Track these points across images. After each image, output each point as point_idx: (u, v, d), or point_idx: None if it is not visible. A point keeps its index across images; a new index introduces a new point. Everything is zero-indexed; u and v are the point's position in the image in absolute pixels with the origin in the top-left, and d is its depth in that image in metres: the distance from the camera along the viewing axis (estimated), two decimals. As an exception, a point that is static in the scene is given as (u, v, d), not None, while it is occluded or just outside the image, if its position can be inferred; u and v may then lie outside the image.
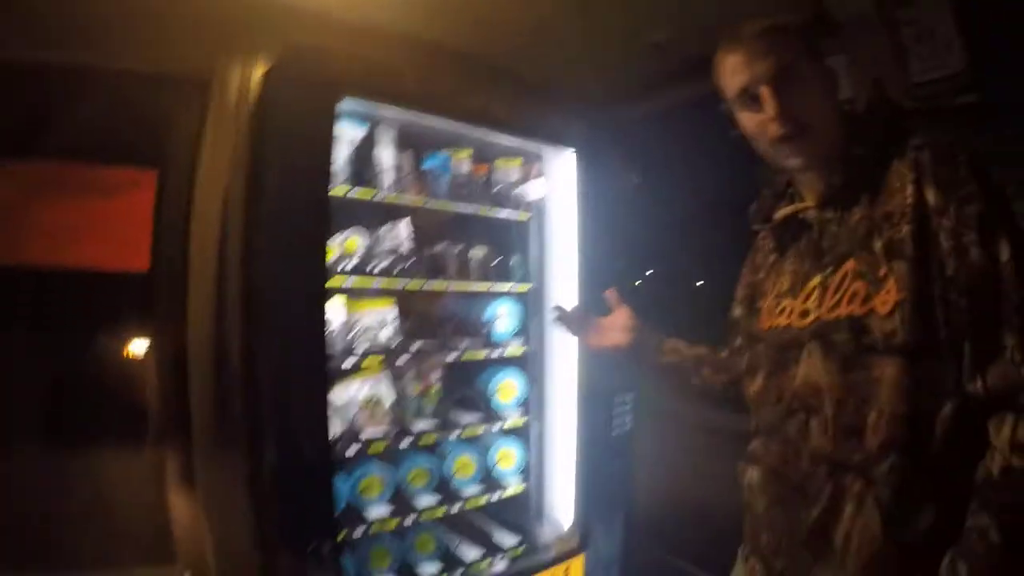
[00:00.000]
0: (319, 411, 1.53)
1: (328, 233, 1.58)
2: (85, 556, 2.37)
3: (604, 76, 2.44)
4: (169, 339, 2.32)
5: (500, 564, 2.02)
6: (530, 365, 2.20)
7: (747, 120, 0.97)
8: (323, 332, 1.53)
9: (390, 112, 1.88)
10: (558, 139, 2.14)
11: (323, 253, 1.54)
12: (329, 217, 1.57)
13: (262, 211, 1.58)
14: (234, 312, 1.83)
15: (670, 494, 4.22)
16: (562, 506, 2.18)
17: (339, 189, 1.77)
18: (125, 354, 2.42)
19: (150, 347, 2.38)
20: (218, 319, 2.22)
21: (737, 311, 1.20)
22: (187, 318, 2.27)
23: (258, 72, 1.69)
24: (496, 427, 2.08)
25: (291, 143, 1.55)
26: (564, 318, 1.39)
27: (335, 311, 1.80)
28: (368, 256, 1.87)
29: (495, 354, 2.07)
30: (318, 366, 1.53)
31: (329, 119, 1.59)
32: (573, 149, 2.14)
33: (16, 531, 2.38)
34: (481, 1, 1.87)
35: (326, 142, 1.58)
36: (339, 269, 1.77)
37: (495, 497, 2.08)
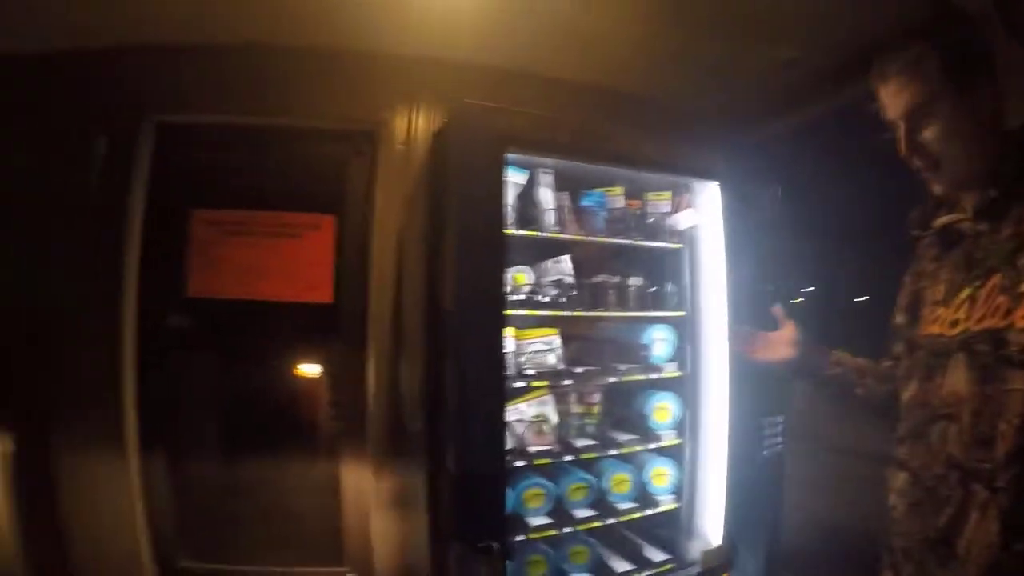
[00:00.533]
0: (499, 424, 1.74)
1: (505, 268, 1.79)
2: (262, 553, 2.81)
3: (741, 96, 2.48)
4: (351, 361, 2.71)
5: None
6: (684, 388, 2.28)
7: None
8: (503, 355, 1.75)
9: (549, 158, 2.10)
10: (702, 173, 2.22)
11: (503, 285, 1.76)
12: (506, 254, 1.78)
13: (438, 249, 1.82)
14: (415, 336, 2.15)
15: (814, 518, 3.97)
16: (711, 525, 2.23)
17: (509, 229, 2.00)
18: (310, 375, 2.85)
19: (333, 368, 2.79)
20: (397, 343, 2.55)
21: (899, 318, 1.22)
22: (366, 343, 2.63)
23: (430, 125, 1.94)
24: (651, 446, 2.19)
25: (467, 190, 1.78)
26: (736, 336, 1.49)
27: (506, 339, 2.02)
28: (535, 288, 2.07)
29: (652, 377, 2.18)
30: (499, 385, 1.74)
31: (499, 168, 1.81)
32: (716, 182, 2.21)
33: (205, 528, 2.87)
34: (618, 37, 2.03)
35: (498, 189, 1.80)
36: (509, 301, 2.00)
37: (648, 513, 2.19)
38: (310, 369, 2.80)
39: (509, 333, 2.05)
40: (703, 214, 2.28)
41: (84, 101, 2.66)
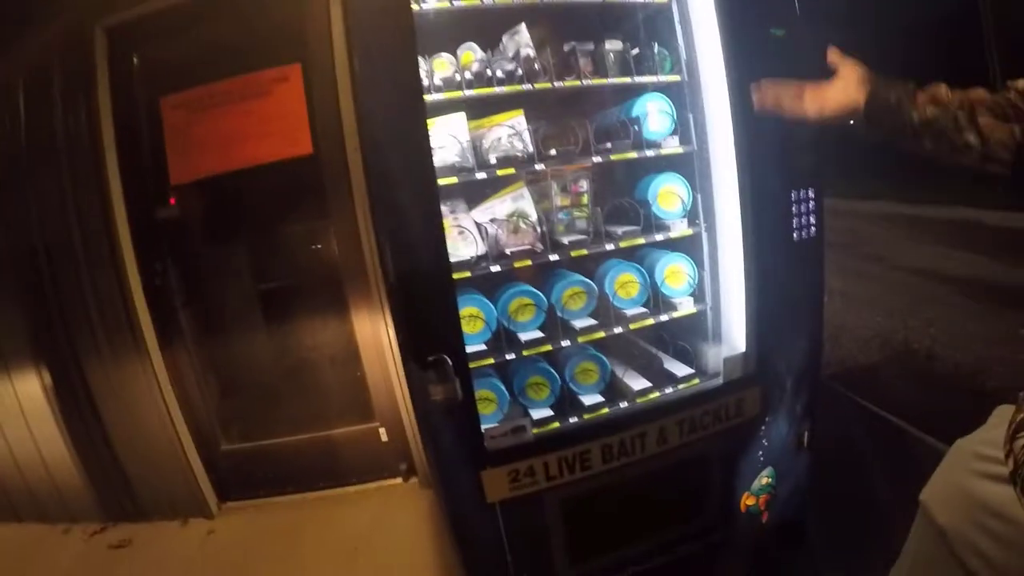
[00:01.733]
0: (433, 222, 1.46)
1: (414, 45, 1.44)
2: (298, 419, 2.78)
3: None
4: (341, 211, 2.53)
5: (669, 393, 1.85)
6: (691, 166, 1.90)
7: None
8: (426, 145, 1.44)
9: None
10: None
11: (413, 66, 1.42)
12: (412, 31, 1.43)
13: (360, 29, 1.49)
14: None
15: (874, 338, 3.61)
16: (739, 329, 1.89)
17: (442, 4, 1.65)
18: (307, 235, 2.71)
19: (327, 222, 2.62)
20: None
21: None
22: (351, 188, 2.43)
23: None
24: (658, 238, 1.85)
25: None
26: (769, 95, 1.16)
27: (459, 128, 1.72)
28: (489, 66, 1.74)
29: (649, 154, 1.81)
30: (426, 179, 1.45)
31: None
32: None
33: (238, 410, 2.88)
34: None
35: None
36: (456, 83, 1.68)
37: (662, 319, 1.89)
38: (305, 225, 2.67)
39: (463, 122, 1.75)
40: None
41: (31, 25, 2.55)
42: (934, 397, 2.94)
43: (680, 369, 1.95)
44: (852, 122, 0.99)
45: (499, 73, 1.71)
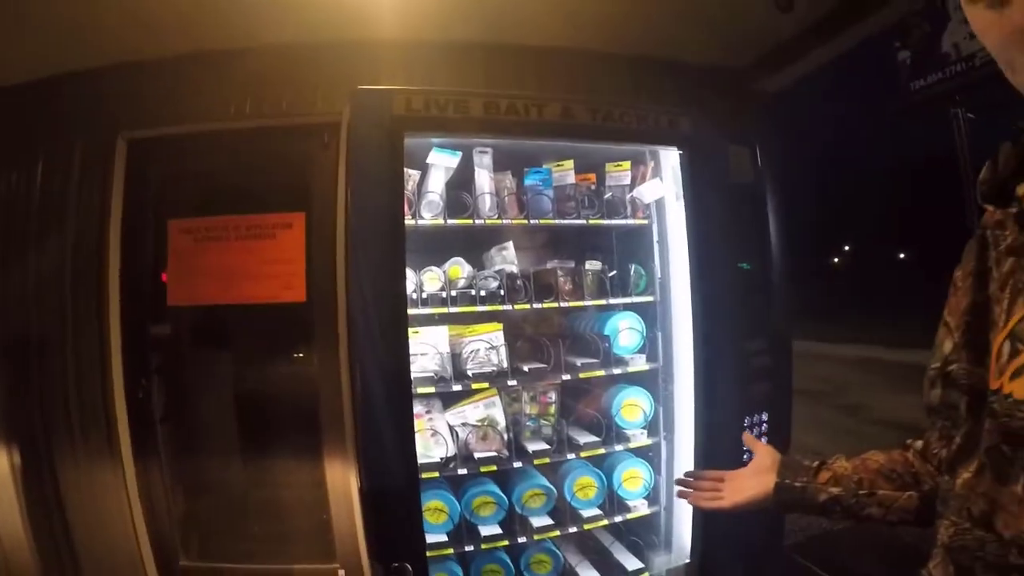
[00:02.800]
0: (406, 436, 1.57)
1: (402, 263, 1.59)
2: (258, 551, 2.81)
3: (729, 43, 2.18)
4: (326, 358, 2.63)
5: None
6: (656, 382, 2.04)
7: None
8: (405, 359, 1.57)
9: (483, 138, 1.88)
10: (657, 138, 1.93)
11: (401, 281, 1.57)
12: (402, 247, 1.58)
13: (354, 244, 1.64)
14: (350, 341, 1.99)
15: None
16: (691, 532, 2.00)
17: (436, 221, 1.82)
18: (290, 374, 2.80)
19: (311, 366, 2.72)
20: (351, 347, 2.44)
21: (946, 349, 0.70)
22: (338, 338, 2.54)
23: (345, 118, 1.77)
24: (618, 448, 1.98)
25: (360, 181, 1.60)
26: (691, 489, 1.20)
27: (440, 340, 1.85)
28: (472, 283, 1.88)
29: (615, 372, 1.95)
30: (402, 392, 1.57)
31: (395, 154, 1.61)
32: (676, 148, 1.93)
33: (202, 529, 2.90)
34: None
35: (395, 176, 1.61)
36: (442, 299, 1.82)
37: (618, 519, 2.00)
38: (290, 368, 2.76)
39: (444, 334, 1.88)
40: (670, 184, 2.01)
41: (60, 126, 2.71)
42: (894, 566, 2.97)
43: (631, 563, 2.04)
44: (765, 506, 1.08)
45: (482, 293, 1.85)
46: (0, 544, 2.88)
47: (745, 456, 1.15)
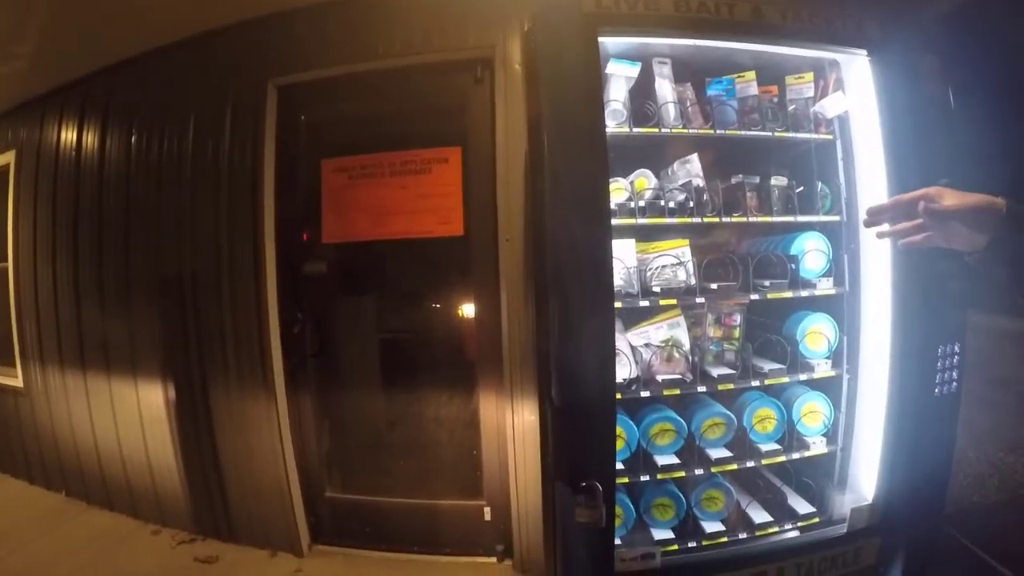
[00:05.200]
0: (606, 350, 1.51)
1: (607, 170, 1.53)
2: (404, 484, 2.86)
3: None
4: (484, 294, 2.63)
5: (789, 532, 1.85)
6: (842, 309, 1.90)
7: None
8: (608, 271, 1.51)
9: (660, 45, 1.79)
10: (845, 40, 1.77)
11: (605, 190, 1.51)
12: (606, 154, 1.52)
13: (544, 161, 1.59)
14: (532, 261, 1.96)
15: (991, 475, 3.36)
16: (867, 476, 1.87)
17: (621, 129, 1.74)
18: (446, 310, 2.81)
19: (468, 302, 2.72)
20: (525, 273, 2.41)
21: None
22: (498, 275, 2.53)
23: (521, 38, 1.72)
24: (802, 378, 1.86)
25: (555, 87, 1.53)
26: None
27: (627, 253, 1.79)
28: (660, 195, 1.80)
29: (803, 294, 1.83)
30: (604, 305, 1.51)
31: (593, 54, 1.54)
32: (865, 52, 1.77)
33: (348, 461, 2.98)
34: None
35: (594, 78, 1.54)
36: (630, 210, 1.75)
37: (795, 456, 1.89)
38: (446, 304, 2.78)
39: (630, 247, 1.81)
40: (855, 97, 1.86)
41: (212, 79, 2.82)
42: None
43: (803, 506, 1.94)
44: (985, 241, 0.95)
45: (671, 204, 1.77)
46: (149, 461, 3.09)
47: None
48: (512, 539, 2.60)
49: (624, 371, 1.75)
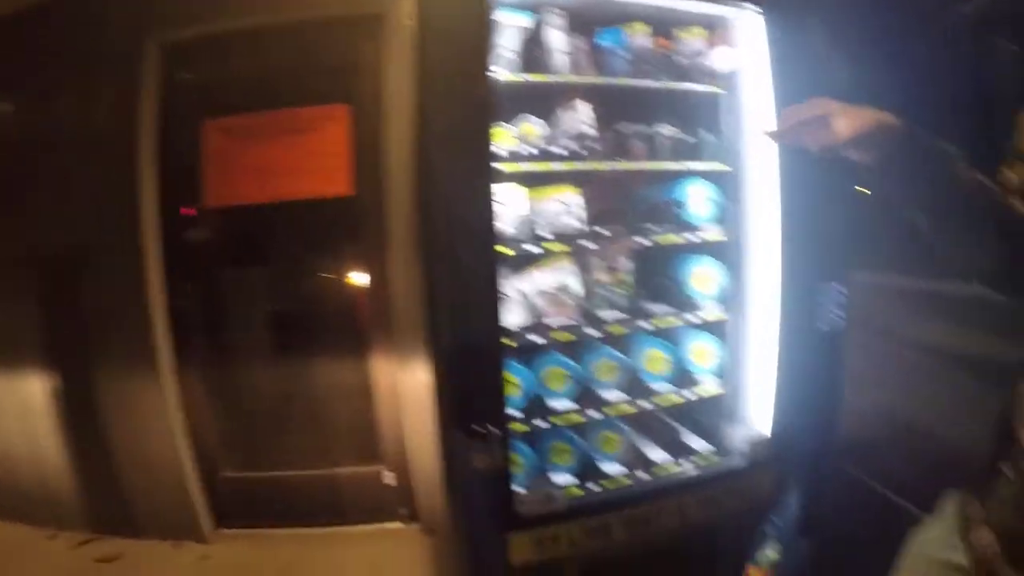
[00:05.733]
0: (490, 292, 1.51)
1: (490, 116, 1.52)
2: (303, 456, 2.76)
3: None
4: (373, 254, 2.56)
5: (688, 469, 1.91)
6: (728, 253, 1.98)
7: None
8: (489, 214, 1.50)
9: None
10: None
11: (486, 135, 1.50)
12: (491, 96, 1.50)
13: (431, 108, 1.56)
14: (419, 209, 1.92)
15: (876, 415, 3.65)
16: (760, 412, 1.96)
17: (511, 77, 1.73)
18: (334, 273, 2.72)
19: (357, 263, 2.65)
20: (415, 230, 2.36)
21: None
22: (387, 234, 2.47)
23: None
24: (691, 319, 1.92)
25: (449, 38, 1.52)
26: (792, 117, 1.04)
27: (515, 199, 1.78)
28: (548, 141, 1.80)
29: (690, 239, 1.89)
30: (486, 248, 1.51)
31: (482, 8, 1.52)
32: (759, 9, 1.84)
33: (243, 438, 2.85)
34: None
35: (481, 25, 1.52)
36: (517, 155, 1.74)
37: (687, 396, 1.95)
38: (336, 268, 2.68)
39: (519, 193, 1.80)
40: (744, 53, 1.92)
41: (85, 39, 2.58)
42: (931, 475, 2.97)
43: (700, 444, 2.00)
44: (879, 157, 0.94)
45: (559, 150, 1.77)
46: (37, 460, 2.83)
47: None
48: (415, 501, 2.57)
49: (514, 317, 1.74)
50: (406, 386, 2.49)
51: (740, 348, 2.00)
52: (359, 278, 2.61)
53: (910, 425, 3.59)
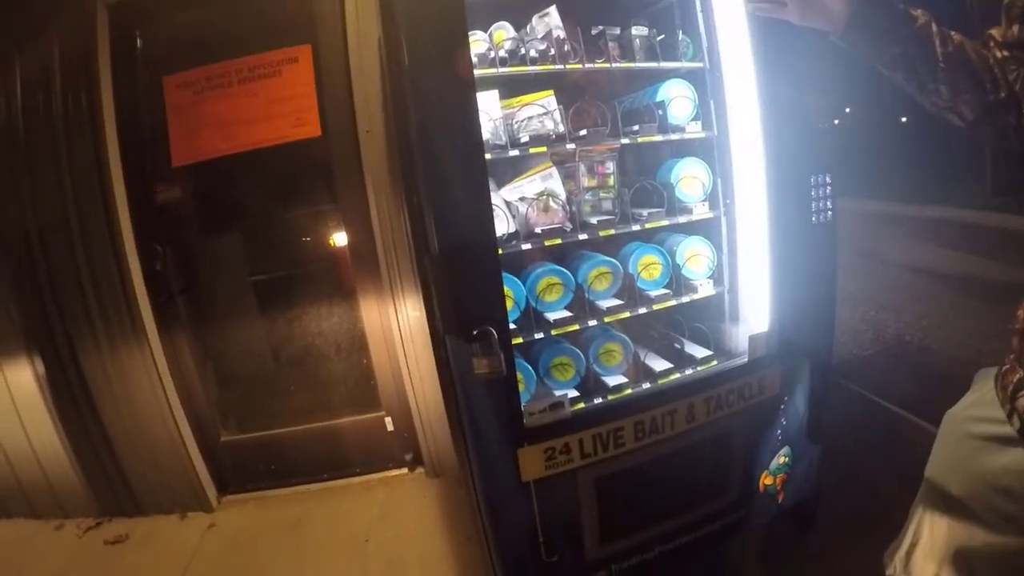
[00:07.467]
0: (481, 199, 1.46)
1: (465, 23, 1.44)
2: (301, 408, 2.72)
3: None
4: (352, 195, 2.49)
5: (690, 374, 1.88)
6: (712, 151, 1.94)
7: None
8: (476, 116, 1.43)
9: None
10: None
11: (464, 40, 1.43)
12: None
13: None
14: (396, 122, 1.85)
15: (869, 333, 3.71)
16: (757, 311, 1.93)
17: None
18: (318, 217, 2.66)
19: (334, 205, 2.57)
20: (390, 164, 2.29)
21: None
22: (362, 171, 2.40)
23: None
24: (681, 220, 1.88)
25: None
26: None
27: (492, 106, 1.73)
28: (520, 46, 1.74)
29: (673, 138, 1.85)
30: (473, 151, 1.44)
31: None
32: None
33: (240, 389, 2.80)
34: None
35: None
36: (490, 59, 1.69)
37: (684, 300, 1.92)
38: (314, 212, 2.62)
39: (495, 99, 1.75)
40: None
41: (32, 5, 2.45)
42: (927, 386, 3.03)
43: (699, 351, 1.98)
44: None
45: (532, 52, 1.71)
46: (35, 454, 2.76)
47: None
48: (419, 445, 2.54)
49: (501, 227, 1.70)
50: (399, 326, 2.44)
51: (732, 248, 1.98)
52: (338, 218, 2.55)
53: (900, 340, 3.64)
